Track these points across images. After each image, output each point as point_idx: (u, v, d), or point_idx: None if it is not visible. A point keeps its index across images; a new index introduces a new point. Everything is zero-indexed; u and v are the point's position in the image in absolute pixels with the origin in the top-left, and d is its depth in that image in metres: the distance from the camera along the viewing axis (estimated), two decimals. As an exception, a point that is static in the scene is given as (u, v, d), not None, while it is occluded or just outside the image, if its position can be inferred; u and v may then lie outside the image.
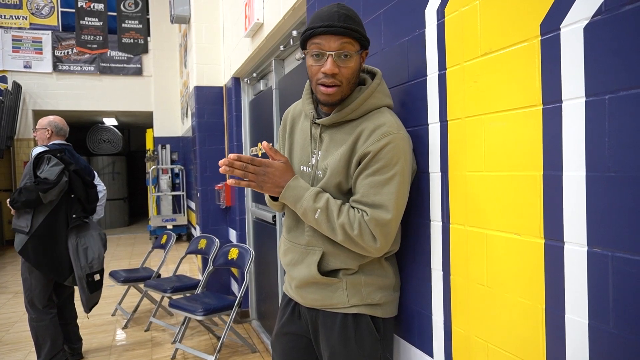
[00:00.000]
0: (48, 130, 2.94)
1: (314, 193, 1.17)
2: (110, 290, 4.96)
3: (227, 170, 1.13)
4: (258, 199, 3.60)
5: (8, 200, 2.75)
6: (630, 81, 0.69)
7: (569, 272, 0.80)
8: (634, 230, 0.69)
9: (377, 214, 1.11)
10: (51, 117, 3.01)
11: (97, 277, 2.90)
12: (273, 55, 3.04)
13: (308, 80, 1.27)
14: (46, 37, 8.59)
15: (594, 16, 0.74)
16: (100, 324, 3.93)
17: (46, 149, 2.84)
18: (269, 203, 1.37)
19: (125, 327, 3.80)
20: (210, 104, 4.24)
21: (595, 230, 0.76)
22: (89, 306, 2.93)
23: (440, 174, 1.16)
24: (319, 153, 1.24)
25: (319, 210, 1.15)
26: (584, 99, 0.77)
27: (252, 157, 1.17)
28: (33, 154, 2.84)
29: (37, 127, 2.98)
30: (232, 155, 1.14)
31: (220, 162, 1.13)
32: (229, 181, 1.16)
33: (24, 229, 2.73)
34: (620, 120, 0.71)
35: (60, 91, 8.68)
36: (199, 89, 4.22)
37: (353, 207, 1.17)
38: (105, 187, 3.27)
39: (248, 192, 3.88)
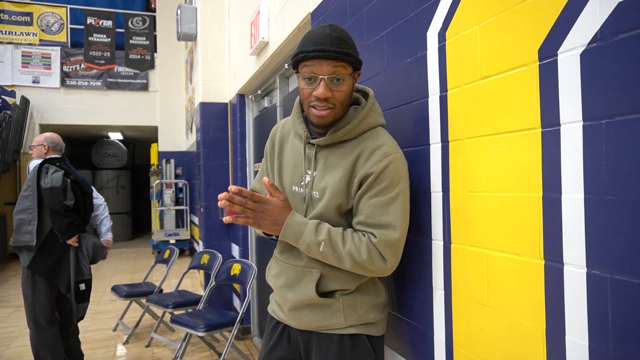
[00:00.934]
0: (45, 145, 2.96)
1: (314, 226, 1.16)
2: (112, 305, 4.94)
3: (226, 205, 1.11)
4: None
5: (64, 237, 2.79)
6: (626, 107, 0.71)
7: (568, 294, 0.81)
8: (632, 252, 0.70)
9: (386, 235, 1.12)
10: (47, 134, 3.04)
11: (82, 286, 2.86)
12: (278, 73, 3.09)
13: (298, 98, 1.27)
14: (55, 53, 8.73)
15: (590, 43, 0.76)
16: (101, 339, 3.91)
17: (43, 159, 2.88)
18: (260, 234, 1.32)
19: (126, 342, 3.78)
20: (215, 119, 4.29)
21: (594, 252, 0.77)
22: (77, 317, 2.90)
23: (441, 193, 1.17)
24: (315, 173, 1.22)
25: (322, 243, 1.14)
26: (582, 123, 0.78)
27: (253, 193, 1.15)
28: (31, 167, 2.86)
29: (33, 143, 3.01)
30: (233, 188, 1.11)
31: (220, 196, 1.10)
32: (225, 218, 1.13)
33: (29, 243, 2.74)
34: (616, 144, 0.72)
35: (68, 106, 8.79)
36: (204, 105, 4.27)
37: (357, 230, 1.17)
38: (104, 199, 3.29)
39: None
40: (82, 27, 8.94)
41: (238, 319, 2.95)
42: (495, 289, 0.99)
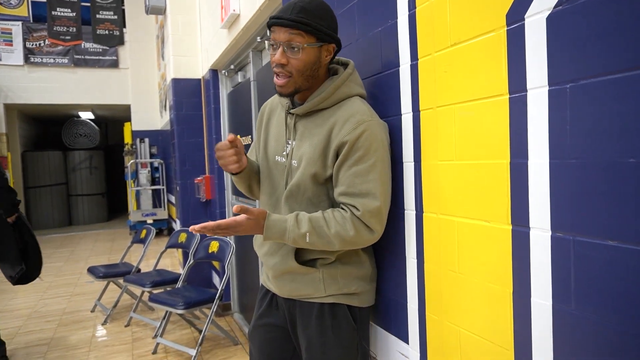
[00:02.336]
0: None
1: (294, 220, 1.16)
2: (89, 286, 4.89)
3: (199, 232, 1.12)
4: (238, 191, 3.59)
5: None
6: (590, 70, 0.71)
7: (534, 257, 0.83)
8: (593, 215, 0.72)
9: (368, 204, 1.13)
10: None
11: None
12: (250, 47, 3.02)
13: None
14: (16, 28, 8.31)
15: (555, 6, 0.76)
16: (79, 320, 3.88)
17: None
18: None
19: (104, 323, 3.76)
20: (188, 96, 4.19)
21: (558, 215, 0.78)
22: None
23: (413, 163, 1.18)
24: (294, 142, 1.25)
25: (307, 234, 1.15)
26: (547, 88, 0.78)
27: (219, 223, 1.12)
28: None
29: None
30: (196, 228, 1.10)
31: (191, 229, 1.10)
32: (193, 228, 1.10)
33: None
34: (580, 108, 0.73)
35: (33, 84, 8.43)
36: (176, 82, 4.16)
37: (339, 204, 1.18)
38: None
39: (228, 185, 3.86)
40: (45, 0, 8.52)
41: (217, 295, 2.96)
42: (465, 255, 1.01)
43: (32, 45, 8.42)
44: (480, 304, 0.97)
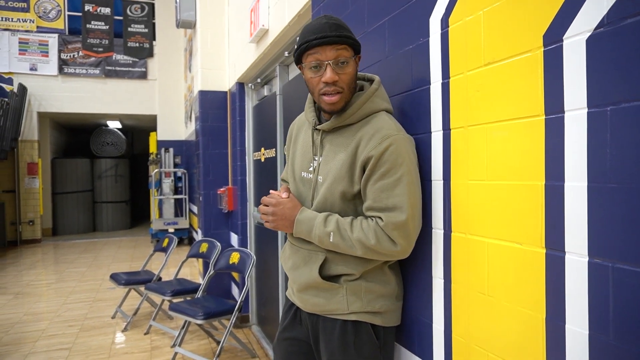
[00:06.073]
0: None
1: (323, 218, 1.20)
2: (111, 292, 4.96)
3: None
4: (260, 203, 3.60)
5: None
6: (632, 93, 0.70)
7: (569, 283, 0.81)
8: (635, 241, 0.70)
9: (392, 217, 1.12)
10: None
11: None
12: (277, 61, 3.06)
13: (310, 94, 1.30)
14: (52, 40, 8.66)
15: (596, 28, 0.75)
16: (100, 326, 3.93)
17: None
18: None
19: (124, 330, 3.79)
20: (214, 108, 4.26)
21: (596, 240, 0.76)
22: None
23: (442, 181, 1.16)
24: (320, 158, 1.26)
25: (331, 233, 1.17)
26: (586, 110, 0.77)
27: (264, 199, 1.34)
28: None
29: None
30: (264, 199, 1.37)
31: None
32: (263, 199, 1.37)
33: None
34: (621, 131, 0.71)
35: (65, 94, 8.74)
36: (203, 94, 4.24)
37: (366, 217, 1.18)
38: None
39: (250, 197, 3.88)
40: (80, 14, 8.86)
41: (236, 307, 2.96)
42: (495, 277, 0.99)
43: (67, 56, 8.74)
44: (510, 328, 0.94)
